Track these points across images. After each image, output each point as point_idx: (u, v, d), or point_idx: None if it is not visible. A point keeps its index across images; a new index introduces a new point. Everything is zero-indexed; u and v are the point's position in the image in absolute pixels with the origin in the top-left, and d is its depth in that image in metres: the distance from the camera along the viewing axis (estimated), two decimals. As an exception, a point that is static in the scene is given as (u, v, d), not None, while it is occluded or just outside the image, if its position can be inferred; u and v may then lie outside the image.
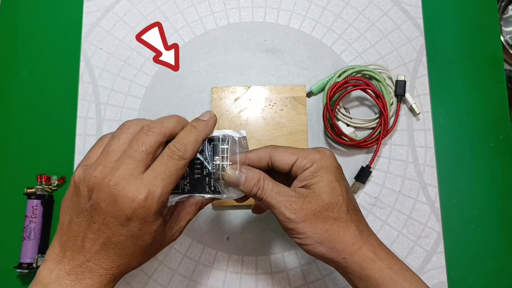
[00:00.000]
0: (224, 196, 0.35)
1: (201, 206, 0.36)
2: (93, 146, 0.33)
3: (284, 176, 0.36)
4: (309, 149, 0.35)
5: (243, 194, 0.35)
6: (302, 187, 0.34)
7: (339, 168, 0.35)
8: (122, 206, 0.29)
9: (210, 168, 0.34)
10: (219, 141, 0.35)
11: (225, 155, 0.34)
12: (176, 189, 0.34)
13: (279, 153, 0.34)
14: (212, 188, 0.35)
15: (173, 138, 0.32)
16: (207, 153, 0.35)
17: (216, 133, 0.35)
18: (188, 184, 0.35)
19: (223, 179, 0.34)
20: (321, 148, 0.35)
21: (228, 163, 0.34)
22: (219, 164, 0.34)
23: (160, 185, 0.29)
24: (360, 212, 0.35)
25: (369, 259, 0.32)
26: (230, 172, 0.33)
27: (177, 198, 0.35)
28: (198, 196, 0.35)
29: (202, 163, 0.34)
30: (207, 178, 0.35)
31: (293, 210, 0.32)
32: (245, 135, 0.35)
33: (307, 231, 0.32)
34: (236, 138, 0.35)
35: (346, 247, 0.32)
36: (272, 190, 0.33)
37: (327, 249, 0.33)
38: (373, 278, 0.32)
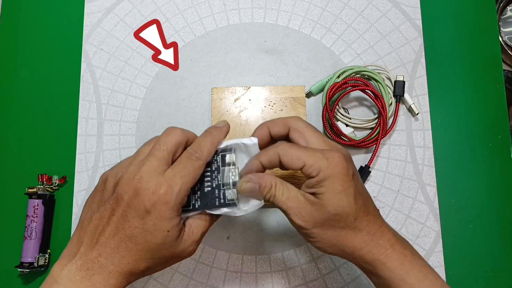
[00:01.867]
0: (237, 210, 0.35)
1: (212, 221, 0.36)
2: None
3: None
4: (318, 152, 0.33)
5: (255, 207, 0.35)
6: (310, 193, 0.34)
7: (347, 174, 0.33)
8: (143, 198, 0.31)
9: (219, 179, 0.35)
10: (226, 151, 0.35)
11: (235, 166, 0.35)
12: (187, 205, 0.34)
13: (287, 156, 0.34)
14: (222, 200, 0.35)
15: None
16: (215, 164, 0.35)
17: (229, 142, 0.36)
18: (198, 199, 0.35)
19: (238, 193, 0.34)
20: (330, 152, 0.33)
21: (238, 176, 0.34)
22: (230, 177, 0.34)
23: (179, 182, 0.32)
24: (374, 212, 0.34)
25: (379, 261, 0.33)
26: (243, 184, 0.34)
27: (189, 214, 0.35)
28: (209, 213, 0.35)
29: (211, 175, 0.35)
30: (216, 190, 0.35)
31: (302, 217, 0.33)
32: (256, 142, 0.35)
33: (317, 236, 0.33)
34: (247, 144, 0.35)
35: (355, 251, 0.33)
36: (283, 196, 0.33)
37: (338, 251, 0.34)
38: (384, 278, 0.33)
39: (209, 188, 0.35)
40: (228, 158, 0.35)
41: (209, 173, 0.35)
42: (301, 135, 0.35)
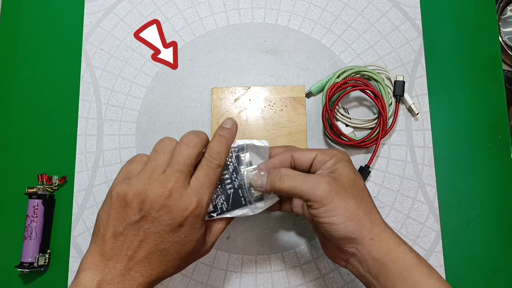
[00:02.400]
0: (254, 209, 0.37)
1: (229, 221, 0.38)
2: (128, 162, 0.35)
3: None
4: (324, 149, 0.38)
5: (270, 203, 0.37)
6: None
7: (352, 162, 0.37)
8: (176, 215, 0.32)
9: (239, 180, 0.36)
10: (239, 151, 0.37)
11: (251, 164, 0.37)
12: (215, 209, 0.36)
13: (298, 152, 0.37)
14: (248, 198, 0.37)
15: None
16: (232, 166, 0.36)
17: (241, 141, 0.37)
18: (224, 202, 0.36)
19: (251, 186, 0.36)
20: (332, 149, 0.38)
21: (253, 168, 0.36)
22: (244, 173, 0.36)
23: (206, 193, 0.33)
24: None
25: (394, 242, 0.33)
26: (255, 177, 0.36)
27: (216, 218, 0.36)
28: (235, 214, 0.37)
29: (230, 177, 0.36)
30: (240, 191, 0.36)
31: (324, 185, 0.33)
32: (267, 145, 0.37)
33: (340, 205, 0.33)
34: (258, 145, 0.37)
35: (373, 226, 0.33)
36: (299, 175, 0.35)
37: (357, 226, 0.33)
38: (398, 263, 0.32)
39: (232, 190, 0.36)
40: (244, 158, 0.36)
41: (227, 175, 0.36)
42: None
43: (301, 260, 0.48)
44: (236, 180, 0.36)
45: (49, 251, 0.48)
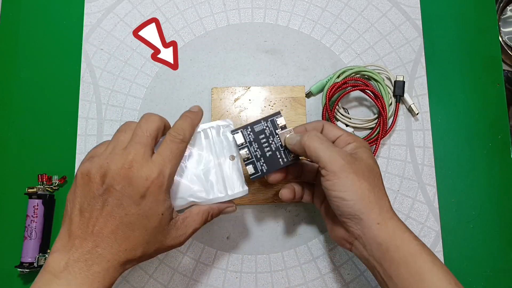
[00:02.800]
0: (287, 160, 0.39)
1: (207, 217, 0.38)
2: (95, 146, 0.36)
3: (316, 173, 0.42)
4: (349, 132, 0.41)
5: (240, 193, 0.39)
6: None
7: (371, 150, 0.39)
8: (137, 186, 0.32)
9: (276, 142, 0.39)
10: (274, 116, 0.39)
11: (286, 127, 0.39)
12: (256, 172, 0.38)
13: (329, 125, 0.40)
14: (285, 159, 0.39)
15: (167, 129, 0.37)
16: (268, 130, 0.39)
17: (205, 125, 0.39)
18: (264, 164, 0.38)
19: (285, 144, 0.39)
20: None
21: (288, 130, 0.39)
22: (280, 135, 0.39)
23: (168, 165, 0.33)
24: None
25: (400, 229, 0.34)
26: (290, 136, 0.38)
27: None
28: (206, 213, 0.38)
29: (267, 140, 0.39)
30: (277, 153, 0.39)
31: (344, 160, 0.35)
32: (231, 122, 0.40)
33: (354, 184, 0.34)
34: (223, 124, 0.40)
35: (382, 212, 0.34)
36: (327, 141, 0.36)
37: (366, 208, 0.34)
38: (402, 249, 0.33)
39: (270, 153, 0.39)
40: (279, 121, 0.39)
41: (265, 139, 0.39)
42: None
43: (301, 259, 0.48)
44: (273, 143, 0.39)
45: (49, 251, 0.48)
